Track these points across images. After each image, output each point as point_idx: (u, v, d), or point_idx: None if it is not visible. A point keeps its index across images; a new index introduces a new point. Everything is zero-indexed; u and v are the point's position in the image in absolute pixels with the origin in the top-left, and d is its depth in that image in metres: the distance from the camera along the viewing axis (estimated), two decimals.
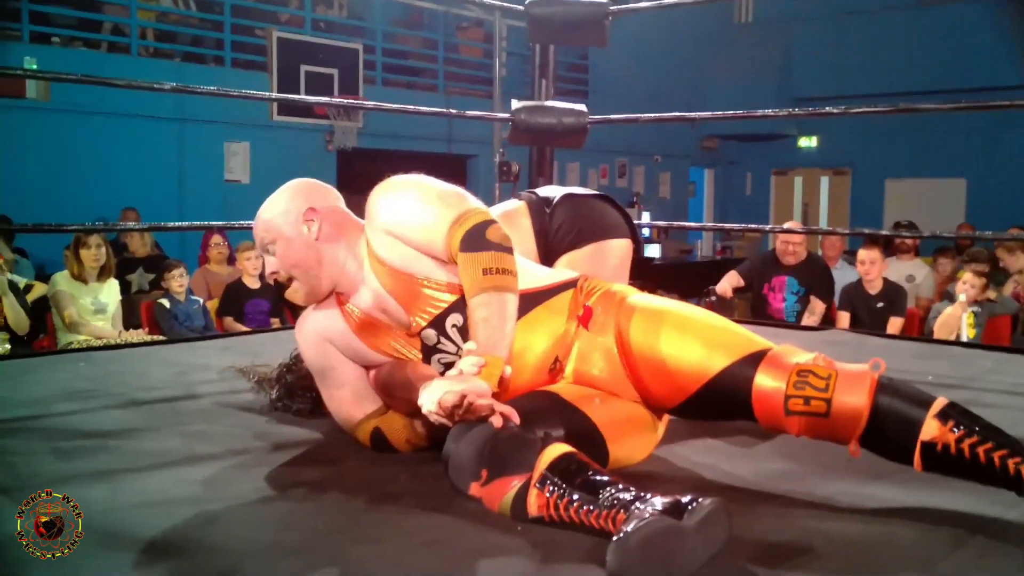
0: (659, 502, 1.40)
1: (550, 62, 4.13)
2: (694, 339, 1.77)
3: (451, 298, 1.86)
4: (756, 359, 1.71)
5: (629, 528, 1.32)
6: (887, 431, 1.62)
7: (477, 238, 1.79)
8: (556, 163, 4.20)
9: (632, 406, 1.87)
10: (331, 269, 1.93)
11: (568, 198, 2.55)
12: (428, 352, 1.91)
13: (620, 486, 1.47)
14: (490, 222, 1.83)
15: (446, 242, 1.83)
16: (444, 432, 1.66)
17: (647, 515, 1.34)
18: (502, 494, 1.55)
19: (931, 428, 1.58)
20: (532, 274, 1.98)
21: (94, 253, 5.04)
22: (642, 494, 1.44)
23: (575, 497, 1.48)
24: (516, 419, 1.64)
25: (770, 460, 1.97)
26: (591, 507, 1.45)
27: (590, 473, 1.52)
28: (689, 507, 1.38)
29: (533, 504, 1.51)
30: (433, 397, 1.62)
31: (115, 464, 1.90)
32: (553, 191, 2.59)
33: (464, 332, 1.85)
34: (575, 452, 1.57)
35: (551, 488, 1.50)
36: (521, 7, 4.00)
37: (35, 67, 7.16)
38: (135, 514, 1.61)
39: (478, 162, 11.75)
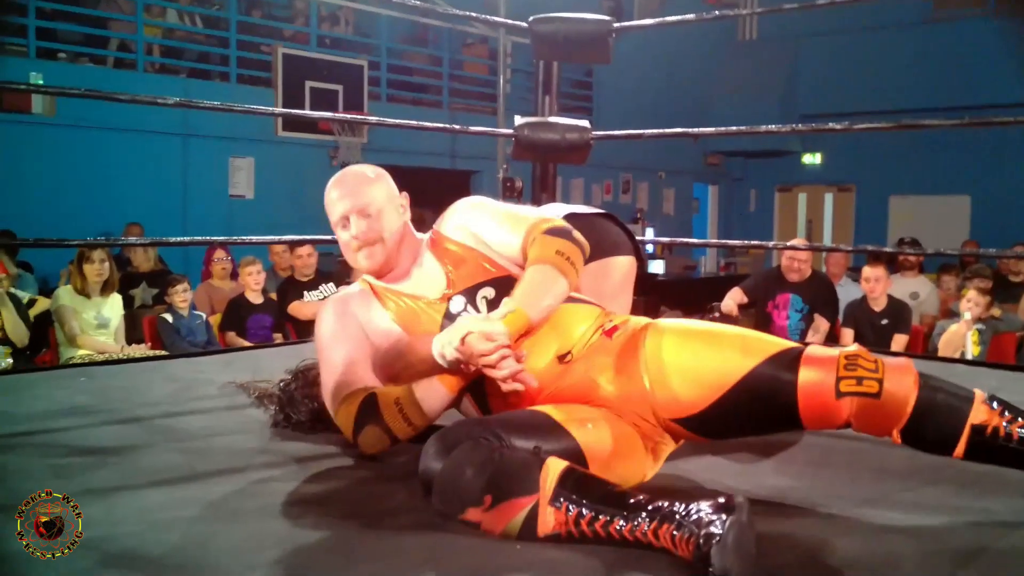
0: (705, 506, 1.41)
1: (554, 78, 4.13)
2: (722, 341, 1.80)
3: (493, 273, 2.00)
4: (794, 354, 1.71)
5: (717, 530, 1.35)
6: (932, 417, 1.63)
7: (564, 232, 1.96)
8: (560, 179, 4.20)
9: (628, 432, 1.81)
10: (405, 247, 2.05)
11: (571, 217, 2.54)
12: (451, 320, 1.94)
13: (642, 498, 1.47)
14: (574, 229, 1.99)
15: (530, 229, 1.96)
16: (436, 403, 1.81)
17: (720, 517, 1.37)
18: (509, 517, 1.52)
19: (980, 412, 1.62)
20: None
21: (97, 268, 5.04)
22: (670, 504, 1.45)
23: (599, 512, 1.47)
24: (534, 383, 1.72)
25: (773, 477, 1.96)
26: (623, 521, 1.45)
27: (603, 487, 1.51)
28: (730, 505, 1.40)
29: (549, 522, 1.50)
30: (458, 334, 1.72)
31: (114, 481, 1.88)
32: (556, 209, 2.60)
33: (493, 305, 1.94)
34: (574, 466, 1.56)
35: (569, 505, 1.49)
36: (526, 25, 4.01)
37: (41, 82, 7.19)
38: (133, 531, 1.59)
39: (481, 178, 11.77)
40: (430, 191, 4.98)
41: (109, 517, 1.66)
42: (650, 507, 1.45)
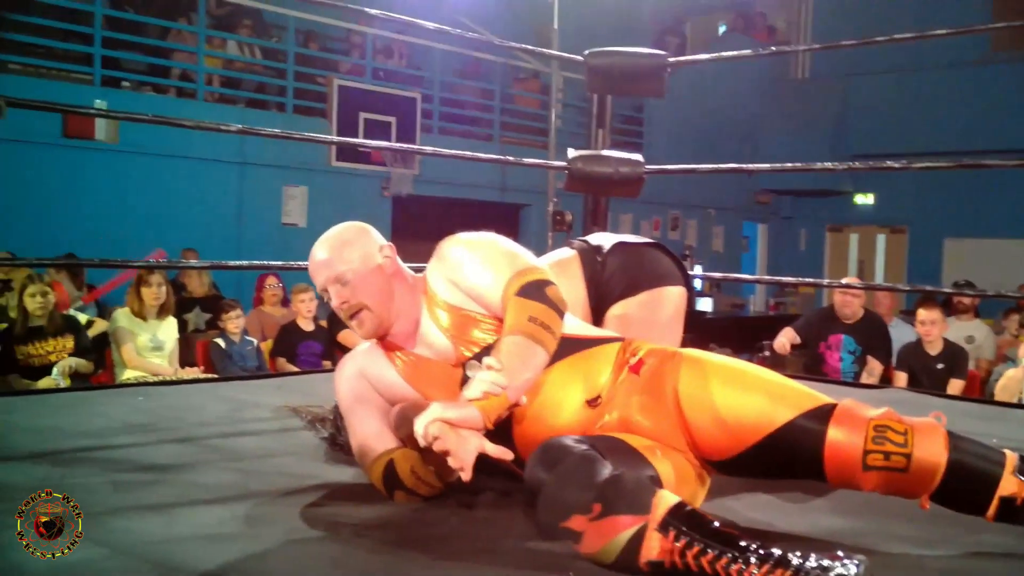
0: (826, 558, 1.39)
1: (607, 112, 4.16)
2: (755, 390, 1.76)
3: (494, 330, 1.90)
4: (825, 413, 1.69)
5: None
6: (961, 485, 1.62)
7: (536, 290, 1.84)
8: (609, 214, 4.21)
9: (680, 459, 1.81)
10: (399, 304, 1.96)
11: (620, 246, 2.53)
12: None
13: (752, 542, 1.45)
14: (551, 282, 1.87)
15: (505, 289, 1.85)
16: (446, 467, 1.68)
17: (847, 566, 1.37)
18: (613, 534, 1.49)
19: (1010, 484, 1.60)
20: (583, 325, 2.01)
21: (155, 291, 5.14)
22: (783, 551, 1.43)
23: (708, 547, 1.44)
24: (509, 457, 1.65)
25: (828, 517, 1.93)
26: (731, 560, 1.42)
27: (716, 524, 1.48)
28: (850, 559, 1.40)
29: (653, 548, 1.47)
30: (423, 421, 1.64)
31: (171, 497, 1.92)
32: (605, 239, 2.57)
33: None
34: (686, 501, 1.54)
35: (677, 535, 1.46)
36: (579, 59, 4.05)
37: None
38: (190, 547, 1.61)
39: (531, 211, 11.82)
40: (480, 223, 5.01)
41: (168, 533, 1.69)
42: (762, 551, 1.42)
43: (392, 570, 1.56)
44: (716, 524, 1.48)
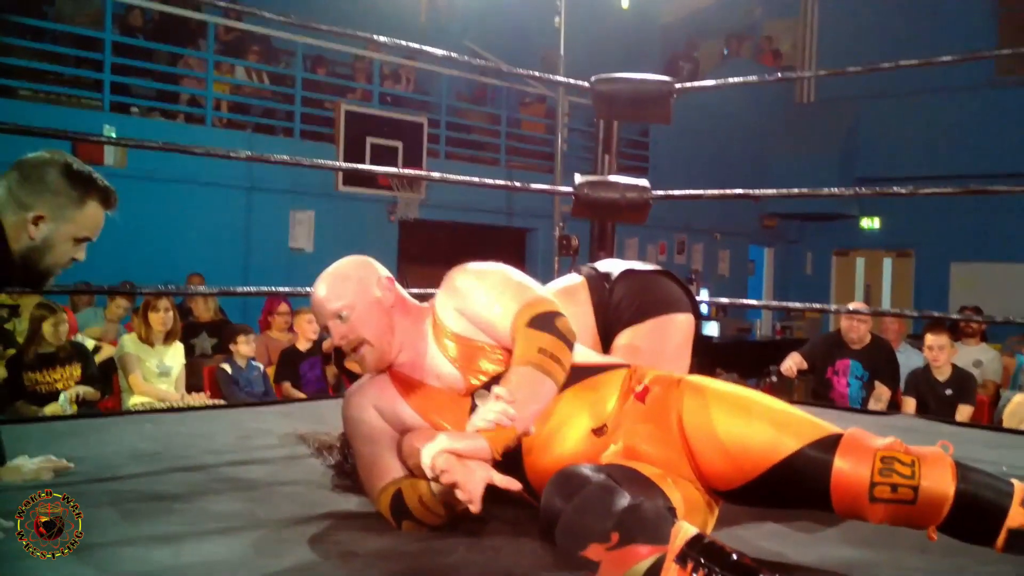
0: None
1: (613, 137, 4.17)
2: (760, 420, 1.75)
3: (503, 361, 1.90)
4: (831, 443, 1.68)
5: None
6: (969, 517, 1.60)
7: (546, 321, 1.85)
8: (615, 238, 4.22)
9: (689, 488, 1.81)
10: (401, 336, 1.96)
11: (629, 273, 2.54)
12: None
13: (775, 574, 1.43)
14: (561, 315, 1.87)
15: (514, 320, 1.85)
16: (454, 498, 1.67)
17: None
18: (631, 563, 1.48)
19: (1018, 515, 1.58)
20: (589, 353, 2.01)
21: (162, 317, 5.15)
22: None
23: None
24: (517, 487, 1.64)
25: (839, 547, 1.92)
26: None
27: (734, 556, 1.46)
28: None
29: None
30: (430, 451, 1.65)
31: (179, 527, 1.91)
32: (613, 265, 2.58)
33: None
34: (705, 533, 1.52)
35: (696, 566, 1.44)
36: (585, 84, 4.07)
37: (114, 135, 7.43)
38: None
39: (537, 235, 11.84)
40: (486, 248, 5.03)
41: (175, 562, 1.69)
42: None
43: None
44: (734, 556, 1.47)
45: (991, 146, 12.22)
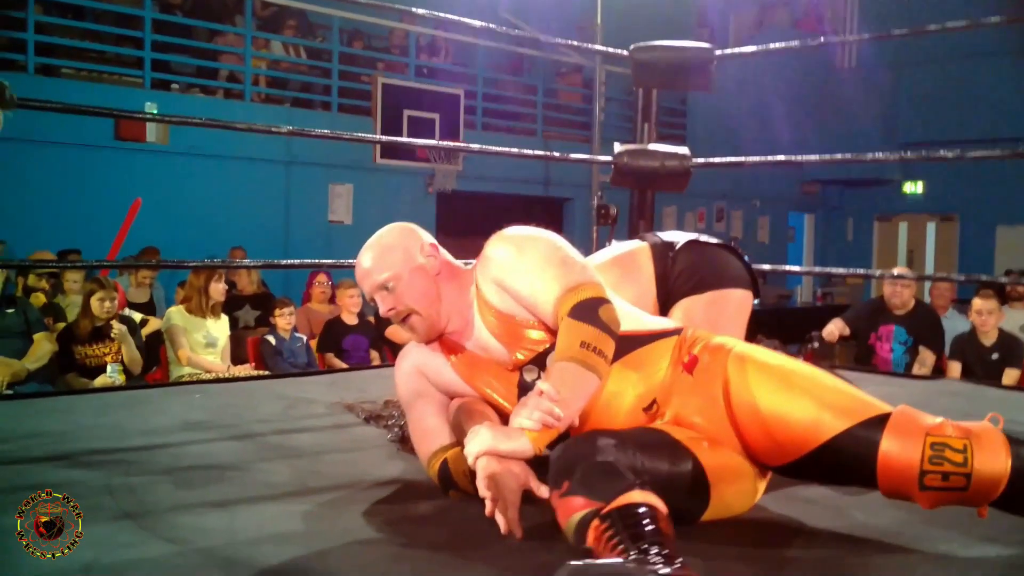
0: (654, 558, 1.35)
1: (653, 106, 4.14)
2: (805, 398, 1.72)
3: (549, 339, 1.87)
4: (879, 423, 1.64)
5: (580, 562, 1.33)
6: (1022, 493, 1.57)
7: (589, 310, 1.77)
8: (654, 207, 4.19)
9: (735, 456, 1.80)
10: (448, 305, 1.93)
11: (693, 244, 2.53)
12: (525, 388, 1.89)
13: (658, 544, 1.39)
14: (606, 300, 1.81)
15: (556, 306, 1.81)
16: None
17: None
18: (571, 512, 1.53)
19: None
20: (639, 319, 1.96)
21: (221, 288, 5.29)
22: (656, 551, 1.36)
23: (621, 543, 1.41)
24: (518, 534, 1.64)
25: (883, 511, 1.90)
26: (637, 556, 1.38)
27: (647, 527, 1.43)
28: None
29: (591, 535, 1.47)
30: (473, 450, 1.67)
31: (232, 494, 1.96)
32: (678, 236, 2.58)
33: None
34: (656, 508, 1.49)
35: (608, 527, 1.45)
36: (623, 53, 4.04)
37: (155, 112, 7.52)
38: (252, 544, 1.65)
39: (574, 205, 11.82)
40: (524, 218, 5.03)
41: (230, 528, 1.73)
42: (643, 546, 1.38)
43: (452, 565, 1.58)
44: (647, 527, 1.42)
45: None
